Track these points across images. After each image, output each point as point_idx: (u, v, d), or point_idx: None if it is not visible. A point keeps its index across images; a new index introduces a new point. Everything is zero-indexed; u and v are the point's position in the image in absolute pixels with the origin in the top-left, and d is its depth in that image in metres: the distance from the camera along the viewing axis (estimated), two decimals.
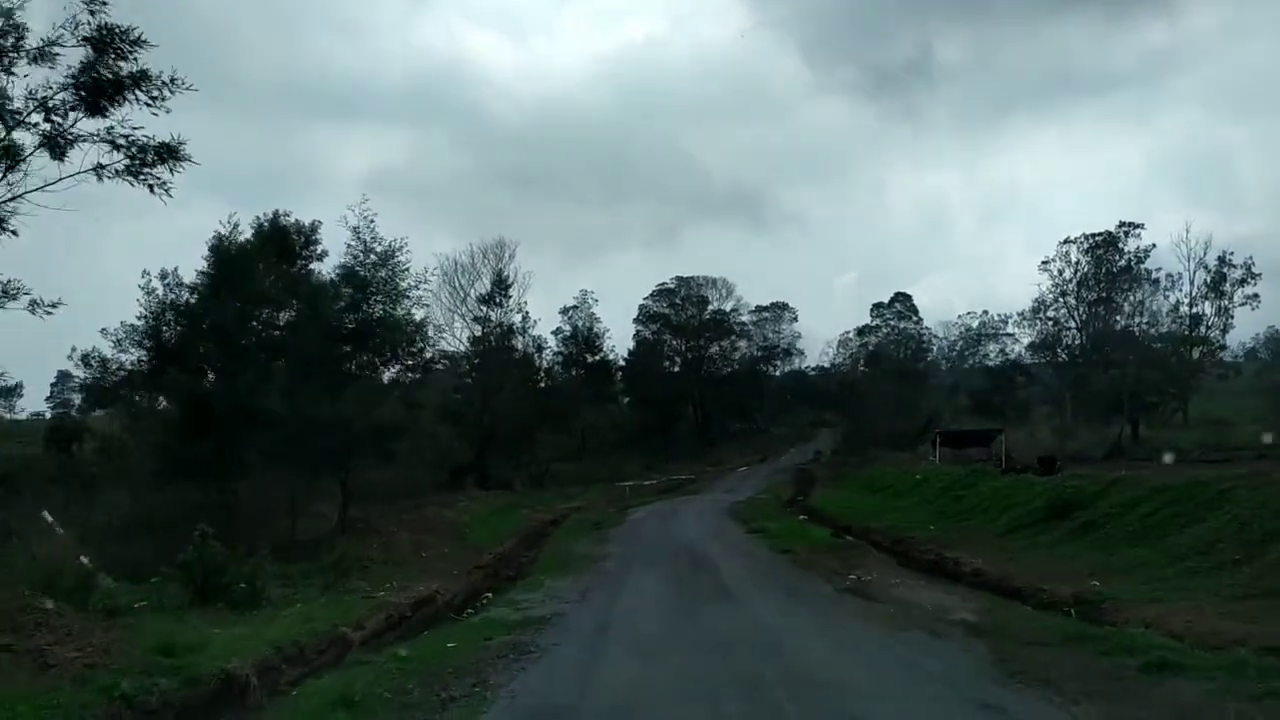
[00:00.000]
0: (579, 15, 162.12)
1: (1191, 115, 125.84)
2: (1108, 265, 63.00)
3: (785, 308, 78.70)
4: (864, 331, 72.17)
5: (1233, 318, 60.85)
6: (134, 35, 12.64)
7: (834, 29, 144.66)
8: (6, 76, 12.65)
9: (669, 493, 45.97)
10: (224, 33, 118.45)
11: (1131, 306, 62.44)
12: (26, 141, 13.07)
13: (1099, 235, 61.96)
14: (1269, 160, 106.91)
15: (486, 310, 52.10)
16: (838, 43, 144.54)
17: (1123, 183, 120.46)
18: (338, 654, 10.14)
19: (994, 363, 68.36)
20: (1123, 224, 61.11)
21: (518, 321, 54.49)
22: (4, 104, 12.76)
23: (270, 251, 26.92)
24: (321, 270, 26.62)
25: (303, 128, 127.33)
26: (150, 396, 24.13)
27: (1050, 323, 64.84)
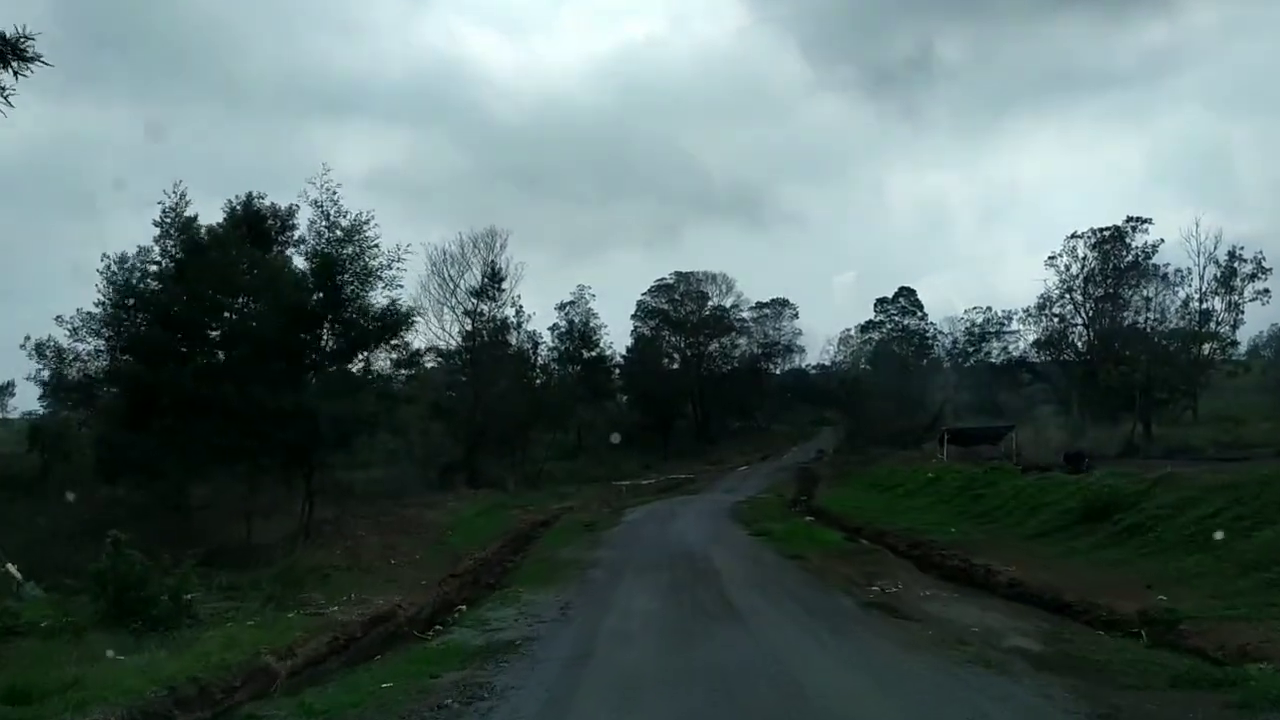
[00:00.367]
0: (578, 14, 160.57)
1: (1192, 114, 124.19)
2: (1115, 261, 61.97)
3: (786, 304, 76.89)
4: (867, 327, 70.32)
5: (1243, 313, 59.42)
6: None
7: (834, 27, 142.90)
8: None
9: (668, 492, 44.25)
10: (224, 32, 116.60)
11: (1139, 302, 61.30)
12: None
13: (1106, 230, 60.84)
14: (1270, 159, 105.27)
15: (477, 303, 50.22)
16: (838, 41, 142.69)
17: (1123, 181, 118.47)
18: (254, 691, 8.24)
19: (997, 360, 67.07)
20: (1130, 219, 59.80)
21: (511, 316, 52.60)
22: None
23: (243, 236, 25.10)
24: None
25: (301, 126, 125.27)
26: (106, 388, 22.24)
27: (1056, 319, 63.81)
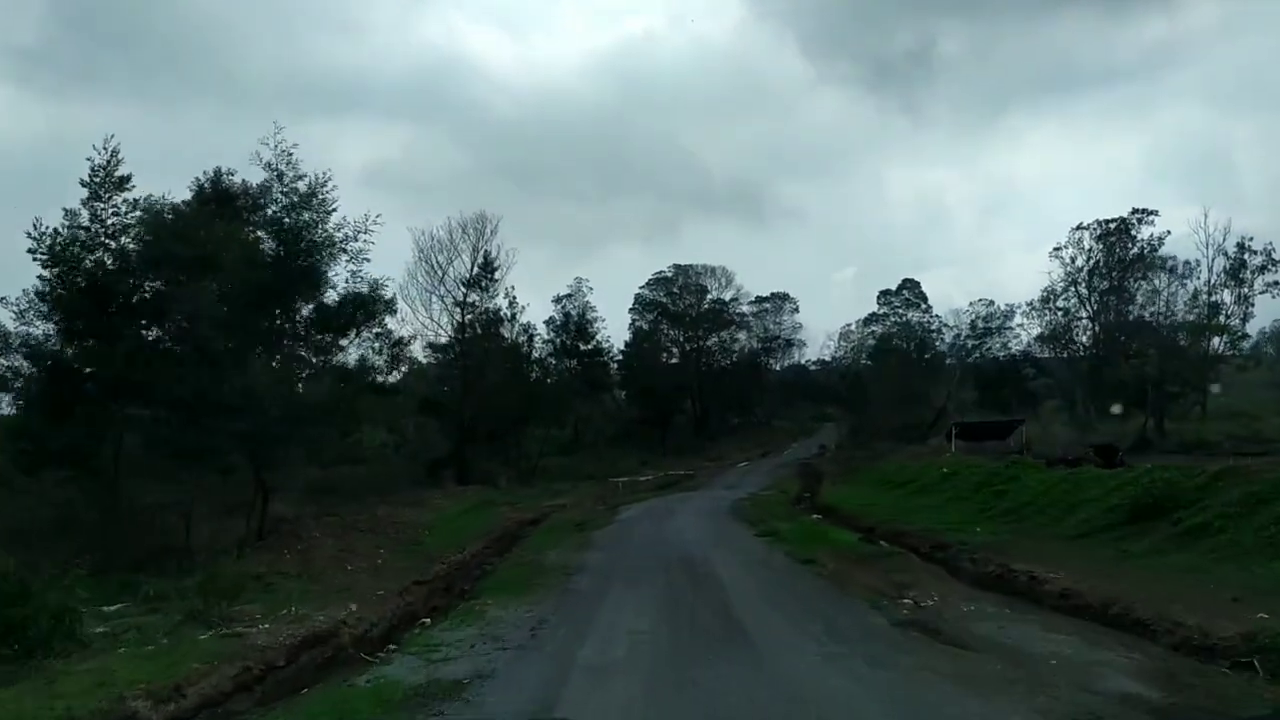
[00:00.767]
0: (577, 11, 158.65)
1: (1192, 110, 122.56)
2: (1120, 253, 60.65)
3: (786, 298, 75.12)
4: (870, 320, 68.47)
5: (1253, 306, 58.13)
6: None
7: (833, 22, 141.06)
8: None
9: (666, 489, 42.33)
10: (223, 30, 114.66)
11: (1145, 296, 59.99)
12: None
13: (1112, 222, 59.44)
14: (1270, 155, 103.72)
15: (466, 292, 48.17)
16: (837, 36, 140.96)
17: (1124, 178, 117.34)
18: None
19: (1000, 355, 65.66)
20: (1135, 210, 58.49)
21: (504, 307, 50.54)
22: None
23: (211, 214, 23.00)
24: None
25: (300, 123, 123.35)
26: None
27: (1060, 313, 62.43)
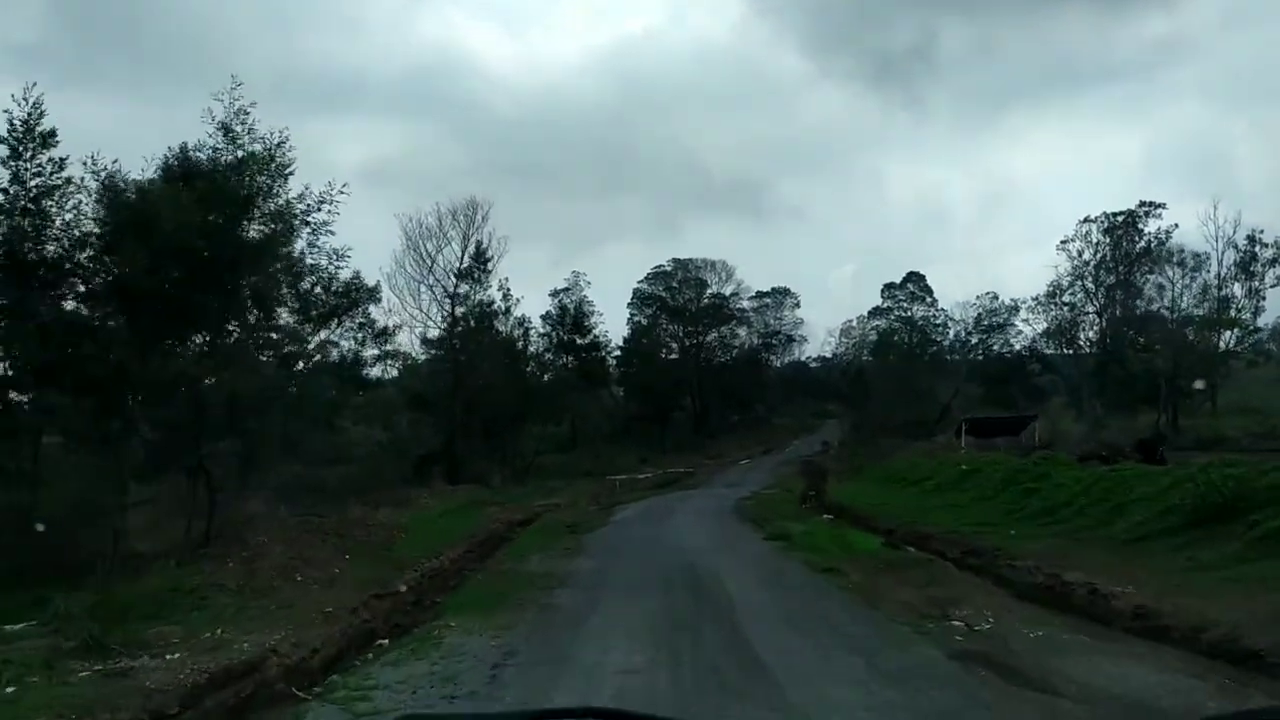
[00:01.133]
0: (576, 8, 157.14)
1: (1193, 107, 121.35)
2: (1127, 246, 59.46)
3: (787, 293, 73.87)
4: (875, 313, 66.86)
5: (1264, 300, 57.11)
6: None
7: (833, 19, 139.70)
8: None
9: (665, 487, 40.72)
10: (221, 27, 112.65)
11: (1152, 290, 58.73)
12: None
13: (1120, 214, 58.13)
14: (1271, 152, 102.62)
15: (456, 282, 46.35)
16: (838, 32, 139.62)
17: (1125, 175, 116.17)
18: None
19: (1005, 351, 64.40)
20: (1143, 203, 57.24)
21: (498, 300, 48.74)
22: None
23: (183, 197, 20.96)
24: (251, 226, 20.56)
25: (297, 121, 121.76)
26: None
27: (1067, 308, 61.14)
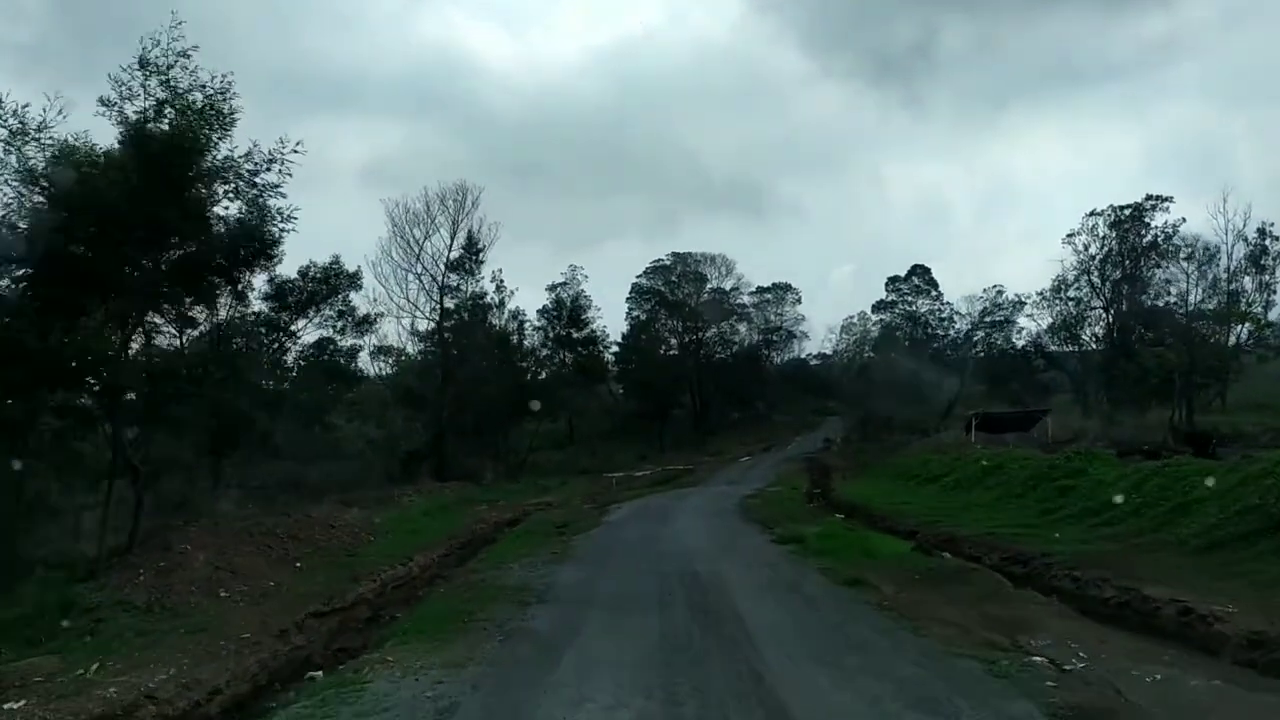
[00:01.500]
0: (576, 7, 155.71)
1: (1192, 105, 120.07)
2: (1134, 240, 58.04)
3: (789, 289, 71.75)
4: (879, 307, 65.08)
5: (1275, 293, 55.66)
6: None
7: (834, 16, 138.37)
8: None
9: (664, 485, 38.82)
10: (220, 25, 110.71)
11: (1159, 285, 57.30)
12: None
13: (1126, 207, 56.70)
14: (1271, 150, 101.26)
15: (445, 273, 44.39)
16: (838, 30, 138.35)
17: (1125, 173, 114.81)
18: None
19: (1007, 347, 63.00)
20: (1150, 197, 55.75)
21: (491, 292, 46.76)
22: None
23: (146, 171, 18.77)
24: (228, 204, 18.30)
25: (296, 119, 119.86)
26: None
27: (1072, 303, 59.73)
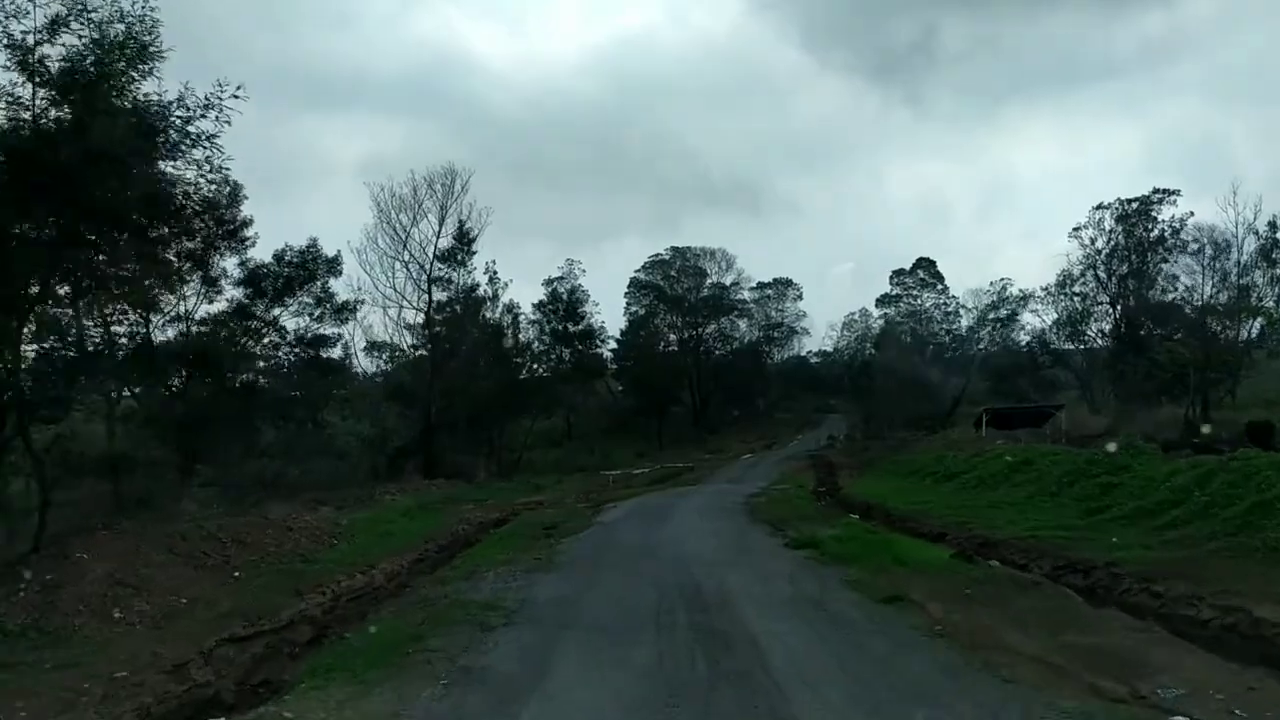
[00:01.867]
0: (575, 5, 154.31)
1: (1192, 104, 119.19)
2: (1141, 234, 56.68)
3: (789, 284, 70.37)
4: (883, 301, 63.52)
5: None
6: None
7: (835, 14, 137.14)
8: None
9: (662, 483, 37.10)
10: (219, 24, 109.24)
11: (1166, 280, 55.94)
12: None
13: (1133, 201, 55.28)
14: (1271, 149, 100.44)
15: (433, 262, 42.61)
16: (839, 28, 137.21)
17: (1124, 171, 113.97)
18: None
19: (1014, 345, 61.71)
20: (1156, 190, 54.36)
21: (484, 284, 44.98)
22: None
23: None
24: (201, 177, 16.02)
25: (295, 118, 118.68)
26: None
27: (1078, 298, 58.34)
